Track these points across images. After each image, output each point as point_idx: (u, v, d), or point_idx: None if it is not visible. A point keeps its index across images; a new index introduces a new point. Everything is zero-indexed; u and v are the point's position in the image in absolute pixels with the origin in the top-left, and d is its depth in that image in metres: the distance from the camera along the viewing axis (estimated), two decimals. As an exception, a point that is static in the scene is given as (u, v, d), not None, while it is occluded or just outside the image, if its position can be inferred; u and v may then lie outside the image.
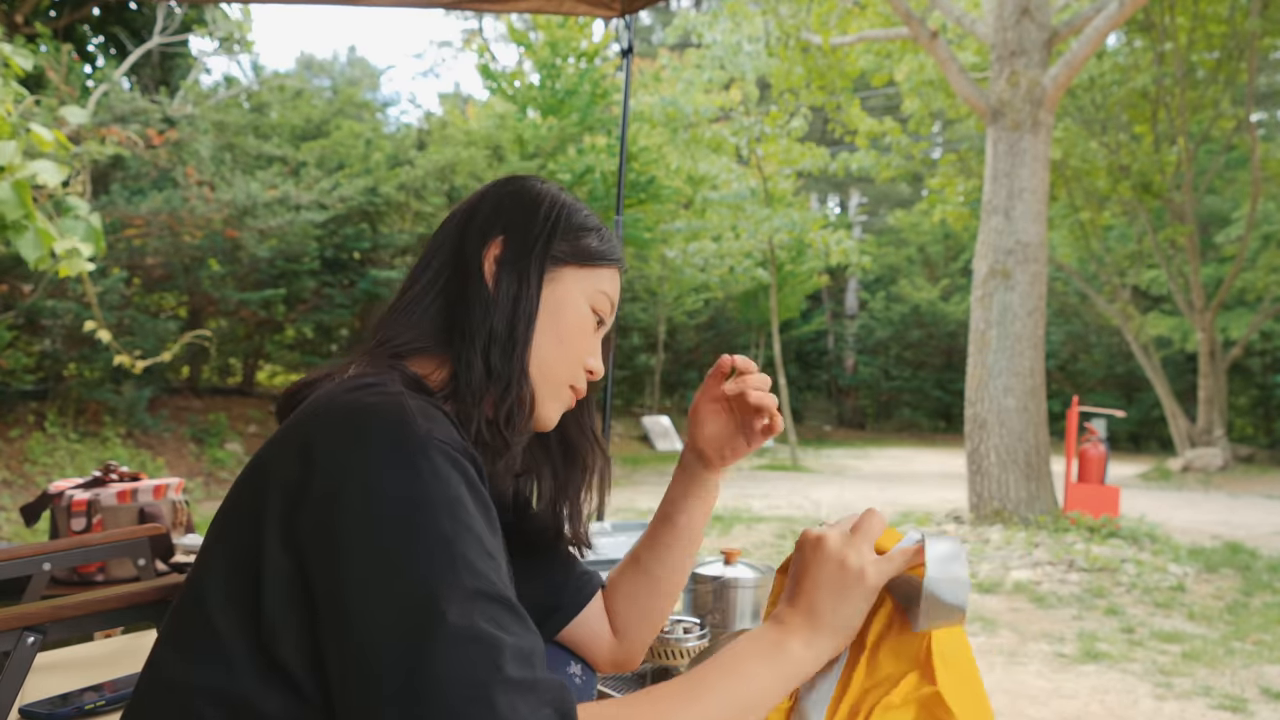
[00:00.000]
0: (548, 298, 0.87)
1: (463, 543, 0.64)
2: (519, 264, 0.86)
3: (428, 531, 0.63)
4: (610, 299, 0.92)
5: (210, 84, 12.99)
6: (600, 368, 0.93)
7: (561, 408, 0.91)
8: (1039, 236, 6.84)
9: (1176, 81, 12.56)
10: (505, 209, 0.89)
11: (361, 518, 0.64)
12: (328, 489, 0.66)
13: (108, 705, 1.18)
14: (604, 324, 0.94)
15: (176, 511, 2.00)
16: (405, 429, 0.68)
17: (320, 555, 0.65)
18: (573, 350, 0.89)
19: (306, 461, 0.67)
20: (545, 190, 0.92)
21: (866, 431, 22.42)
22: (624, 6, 2.65)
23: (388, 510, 0.64)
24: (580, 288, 0.90)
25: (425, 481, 0.65)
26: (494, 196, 0.91)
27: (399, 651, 0.59)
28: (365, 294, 10.47)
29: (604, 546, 1.95)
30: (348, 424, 0.69)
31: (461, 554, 0.63)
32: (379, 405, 0.69)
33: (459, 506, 0.66)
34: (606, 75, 13.30)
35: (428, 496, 0.65)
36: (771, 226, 13.35)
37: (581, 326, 0.90)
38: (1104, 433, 7.16)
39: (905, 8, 7.47)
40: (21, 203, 2.89)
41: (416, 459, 0.66)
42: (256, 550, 0.68)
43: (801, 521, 7.60)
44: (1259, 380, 18.46)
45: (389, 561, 0.62)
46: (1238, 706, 3.37)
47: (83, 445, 7.89)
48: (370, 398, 0.70)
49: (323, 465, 0.67)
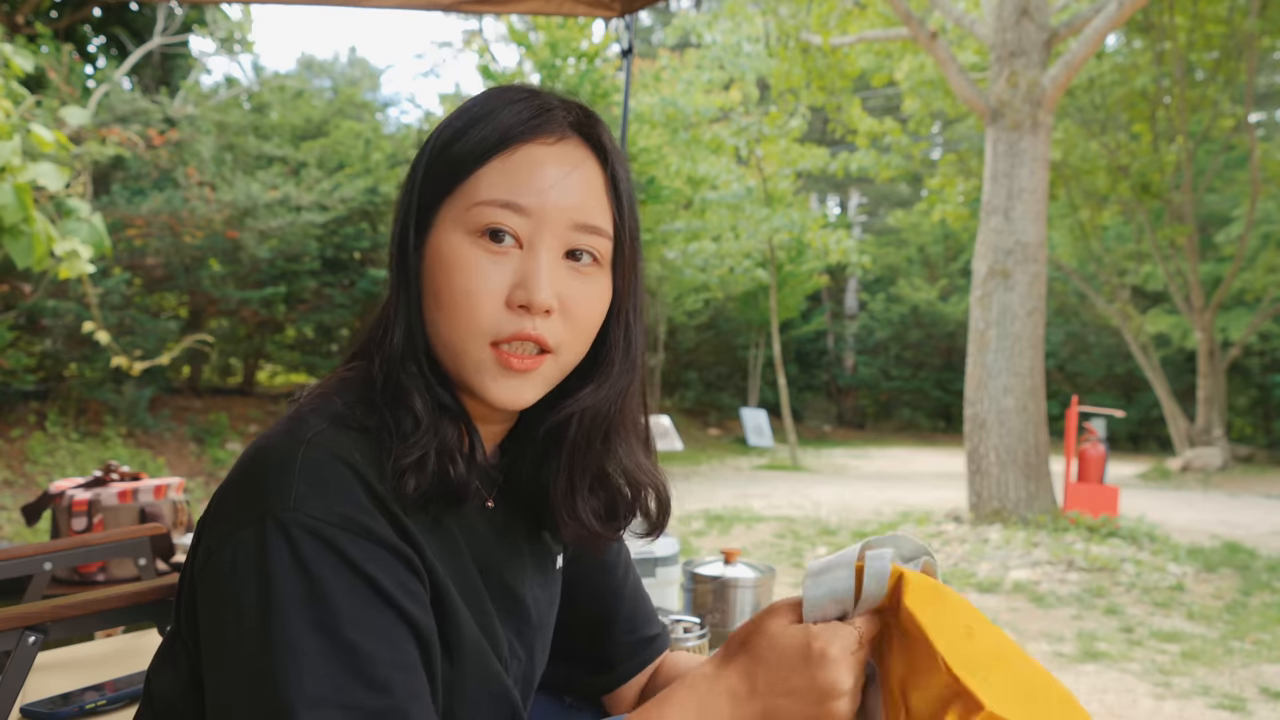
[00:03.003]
0: (424, 265, 0.69)
1: (310, 648, 0.58)
2: (392, 245, 0.71)
3: (277, 637, 0.58)
4: (503, 201, 0.67)
5: (211, 84, 13.02)
6: (533, 291, 0.66)
7: (503, 374, 0.69)
8: (1038, 236, 6.85)
9: (1176, 81, 12.56)
10: (418, 165, 0.72)
11: (217, 612, 0.62)
12: (204, 560, 0.65)
13: (108, 705, 1.18)
14: (517, 239, 0.68)
15: (177, 511, 2.00)
16: (274, 500, 0.61)
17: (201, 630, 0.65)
18: (455, 303, 0.67)
19: (208, 513, 0.67)
20: (435, 129, 0.72)
21: (866, 431, 22.41)
22: (624, 7, 2.65)
23: (240, 607, 0.60)
24: (453, 221, 0.68)
25: (281, 577, 0.59)
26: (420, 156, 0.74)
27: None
28: (365, 294, 10.48)
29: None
30: (234, 483, 0.65)
31: (308, 661, 0.58)
32: (266, 461, 0.64)
33: (319, 601, 0.59)
34: (606, 76, 13.30)
35: (281, 596, 0.59)
36: (771, 226, 13.35)
37: (460, 267, 0.67)
38: (1103, 433, 7.16)
39: (905, 8, 7.47)
40: (22, 206, 2.89)
41: (273, 542, 0.60)
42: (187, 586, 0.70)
43: (801, 522, 7.61)
44: (1258, 380, 18.45)
45: (238, 665, 0.60)
46: (1237, 706, 3.37)
47: (84, 445, 7.90)
48: (268, 448, 0.65)
49: (209, 525, 0.66)
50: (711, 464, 13.56)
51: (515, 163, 0.68)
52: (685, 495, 9.49)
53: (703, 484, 10.69)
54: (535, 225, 0.67)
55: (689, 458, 14.07)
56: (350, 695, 0.58)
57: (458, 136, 0.69)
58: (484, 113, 0.69)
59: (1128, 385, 20.17)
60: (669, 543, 2.04)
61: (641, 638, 0.94)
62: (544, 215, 0.67)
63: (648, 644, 0.95)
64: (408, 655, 0.62)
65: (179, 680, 0.71)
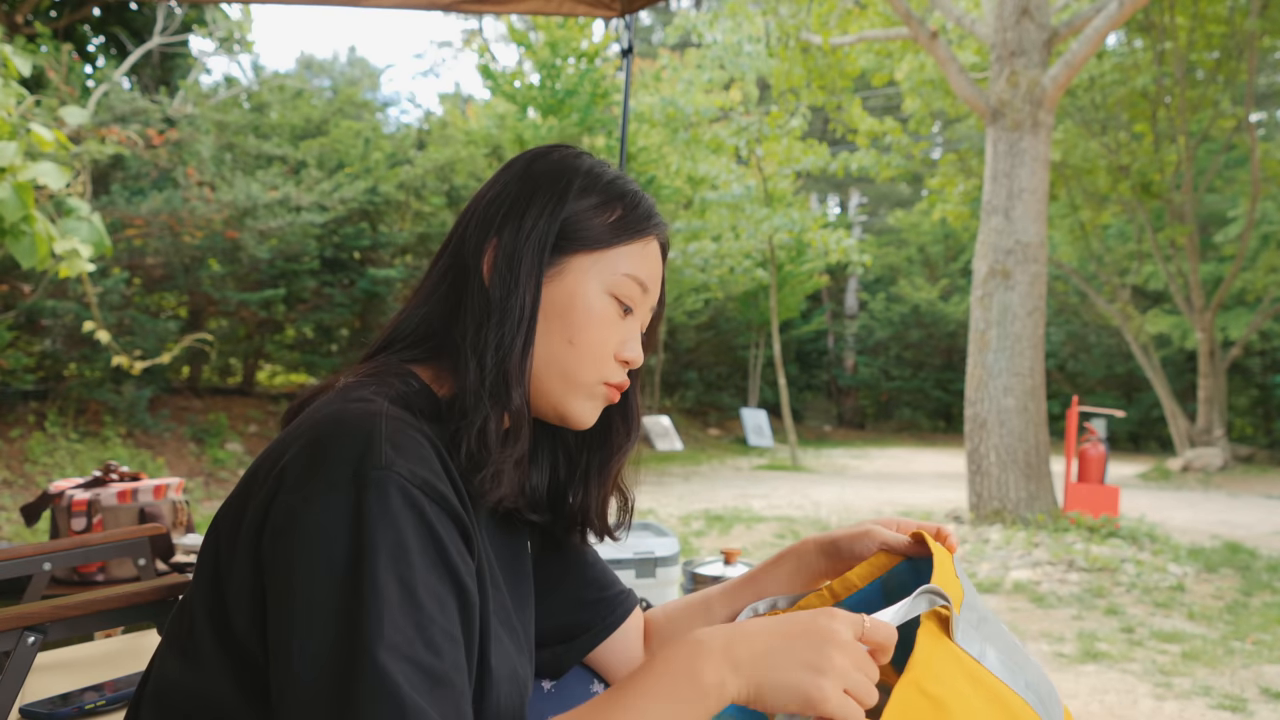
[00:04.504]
0: (552, 295, 0.79)
1: (393, 598, 0.61)
2: (512, 262, 0.78)
3: (368, 584, 0.61)
4: (640, 280, 0.83)
5: (210, 84, 13.01)
6: (637, 356, 0.84)
7: (597, 405, 0.84)
8: (1039, 236, 6.85)
9: (1176, 81, 12.56)
10: (509, 195, 0.82)
11: (307, 559, 0.63)
12: (284, 520, 0.65)
13: (108, 705, 1.18)
14: (634, 310, 0.84)
15: (177, 511, 2.00)
16: (365, 460, 0.65)
17: (272, 584, 0.66)
18: (591, 349, 0.80)
19: (279, 481, 0.67)
20: (557, 166, 0.83)
21: (866, 431, 22.42)
22: (624, 7, 2.65)
23: (332, 554, 0.63)
24: (595, 276, 0.81)
25: (371, 526, 0.63)
26: (503, 180, 0.84)
27: (318, 699, 0.60)
28: (365, 294, 10.47)
29: (603, 547, 1.95)
30: (315, 449, 0.67)
31: (389, 610, 0.61)
32: (349, 428, 0.67)
33: (402, 556, 0.63)
34: (606, 75, 13.30)
35: (371, 543, 0.62)
36: (771, 226, 13.35)
37: (599, 320, 0.81)
38: (1104, 433, 7.16)
39: (905, 8, 7.47)
40: (23, 205, 2.89)
41: (368, 497, 0.64)
42: (229, 559, 0.70)
43: (801, 522, 7.60)
44: (1259, 380, 18.45)
45: (321, 611, 0.62)
46: (1237, 706, 3.37)
47: (83, 445, 7.89)
48: (347, 416, 0.68)
49: (287, 489, 0.66)
50: (711, 464, 13.56)
51: (649, 251, 0.85)
52: (685, 495, 9.48)
53: (703, 484, 10.68)
54: (642, 302, 0.85)
55: (689, 458, 14.07)
56: (415, 650, 0.61)
57: (605, 203, 0.82)
58: (626, 191, 0.84)
59: (1128, 385, 20.17)
60: (669, 543, 2.04)
61: (612, 594, 1.00)
62: (649, 299, 0.86)
63: (620, 598, 1.00)
64: (457, 627, 0.66)
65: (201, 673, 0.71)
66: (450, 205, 11.13)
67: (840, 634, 0.65)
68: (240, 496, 0.72)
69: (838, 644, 0.65)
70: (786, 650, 0.65)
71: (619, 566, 1.94)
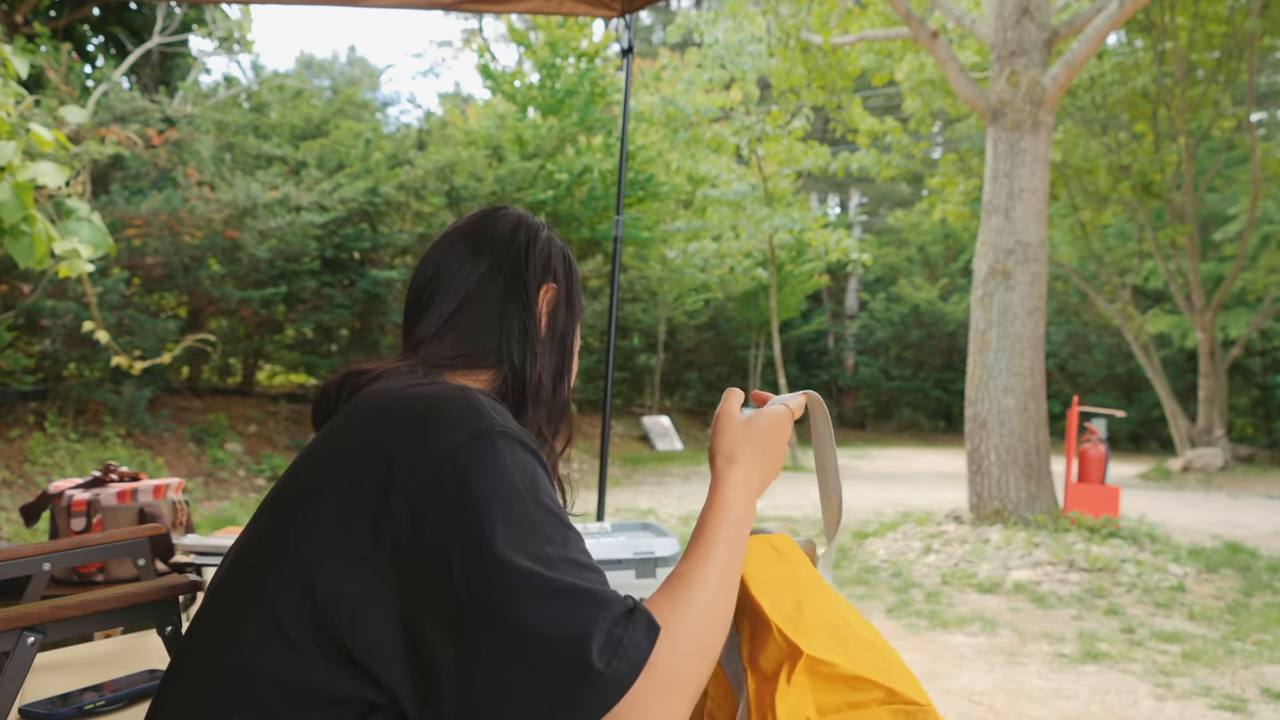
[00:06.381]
0: (570, 343, 1.06)
1: (550, 519, 0.72)
2: (568, 312, 1.04)
3: (519, 516, 0.71)
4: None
5: (210, 84, 13.00)
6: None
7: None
8: (1039, 236, 6.84)
9: (1177, 81, 12.56)
10: (559, 260, 1.06)
11: (458, 511, 0.70)
12: (419, 486, 0.71)
13: (108, 705, 1.18)
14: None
15: (176, 511, 2.00)
16: (481, 421, 0.75)
17: (421, 548, 0.70)
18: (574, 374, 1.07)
19: (392, 458, 0.73)
20: (567, 260, 1.11)
21: (866, 431, 22.43)
22: (624, 6, 2.65)
23: (483, 498, 0.71)
24: (577, 328, 1.09)
25: (509, 470, 0.73)
26: (546, 245, 1.05)
27: (511, 609, 0.66)
28: (365, 294, 10.46)
29: (603, 547, 1.94)
30: (430, 418, 0.76)
31: (547, 530, 0.71)
32: (454, 400, 0.78)
33: (539, 488, 0.74)
34: (606, 75, 13.30)
35: (514, 484, 0.72)
36: (772, 226, 13.35)
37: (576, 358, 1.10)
38: (1104, 433, 7.15)
39: (905, 8, 7.47)
40: (22, 205, 2.88)
41: (498, 448, 0.74)
42: (332, 543, 0.72)
43: (801, 522, 7.60)
44: (1259, 380, 18.45)
45: (491, 548, 0.68)
46: (1238, 707, 3.37)
47: (82, 445, 7.89)
48: (443, 393, 0.79)
49: (410, 462, 0.72)
50: (712, 464, 13.53)
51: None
52: (685, 495, 9.48)
53: (703, 484, 10.68)
54: None
55: (689, 458, 14.06)
56: (579, 555, 0.73)
57: (579, 283, 1.08)
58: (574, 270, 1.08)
59: (1128, 385, 20.18)
60: (669, 543, 2.04)
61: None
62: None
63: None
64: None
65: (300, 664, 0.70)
66: (450, 206, 11.11)
67: (786, 424, 0.97)
68: (326, 483, 0.76)
69: (786, 432, 0.97)
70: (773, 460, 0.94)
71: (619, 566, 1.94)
